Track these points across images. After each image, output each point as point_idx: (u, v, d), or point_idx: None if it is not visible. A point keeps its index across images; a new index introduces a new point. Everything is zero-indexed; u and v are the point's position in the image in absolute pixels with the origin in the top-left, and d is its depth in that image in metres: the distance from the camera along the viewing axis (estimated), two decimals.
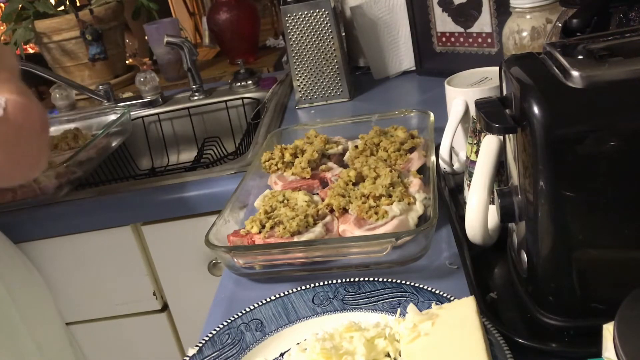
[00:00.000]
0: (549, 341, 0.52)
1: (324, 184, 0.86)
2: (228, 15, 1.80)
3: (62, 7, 1.73)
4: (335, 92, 1.29)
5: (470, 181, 0.69)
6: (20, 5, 1.67)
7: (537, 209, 0.49)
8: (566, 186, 0.47)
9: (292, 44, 1.26)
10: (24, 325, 0.99)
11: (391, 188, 0.75)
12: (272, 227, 0.73)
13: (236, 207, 0.82)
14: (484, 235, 0.61)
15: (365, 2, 1.32)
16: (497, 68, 0.58)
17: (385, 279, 0.62)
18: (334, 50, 1.25)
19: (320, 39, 1.25)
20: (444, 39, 1.28)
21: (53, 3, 1.72)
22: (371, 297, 0.61)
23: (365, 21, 1.33)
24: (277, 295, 0.63)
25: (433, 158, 0.79)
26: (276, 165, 0.90)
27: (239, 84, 1.49)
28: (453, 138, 0.80)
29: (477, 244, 0.62)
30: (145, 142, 1.50)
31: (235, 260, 0.70)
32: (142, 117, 1.48)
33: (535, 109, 0.46)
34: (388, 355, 0.53)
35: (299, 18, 1.24)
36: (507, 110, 0.52)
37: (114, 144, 1.27)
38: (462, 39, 1.24)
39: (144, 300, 1.14)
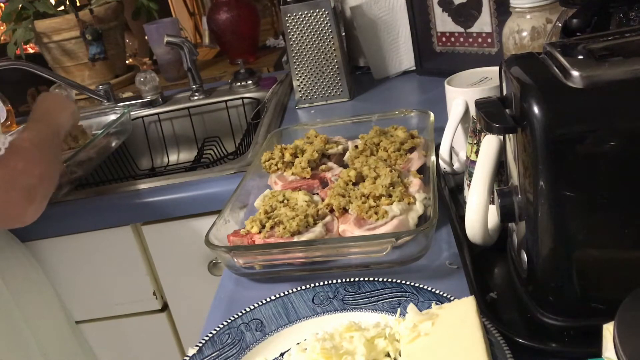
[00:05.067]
0: (549, 341, 0.52)
1: (324, 184, 0.86)
2: (228, 15, 1.80)
3: (62, 7, 1.73)
4: (335, 92, 1.29)
5: (470, 181, 0.69)
6: (20, 5, 1.67)
7: (537, 209, 0.49)
8: (566, 186, 0.47)
9: (292, 44, 1.26)
10: (26, 324, 0.99)
11: (391, 188, 0.75)
12: (272, 227, 0.73)
13: (236, 207, 0.82)
14: (484, 235, 0.61)
15: (365, 2, 1.32)
16: (497, 68, 0.58)
17: (385, 279, 0.62)
18: (334, 50, 1.25)
19: (320, 39, 1.25)
20: (444, 39, 1.28)
21: (53, 3, 1.72)
22: (371, 297, 0.61)
23: (365, 21, 1.33)
24: (277, 295, 0.63)
25: (433, 158, 0.79)
26: (276, 165, 0.90)
27: (239, 84, 1.49)
28: (453, 138, 0.80)
29: (477, 244, 0.62)
30: (145, 142, 1.50)
31: (235, 260, 0.70)
32: (142, 117, 1.48)
33: (535, 109, 0.46)
34: (388, 355, 0.53)
35: (299, 18, 1.24)
36: (507, 110, 0.52)
37: (114, 144, 1.27)
38: (462, 39, 1.24)
39: (144, 300, 1.14)
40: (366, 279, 0.63)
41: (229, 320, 0.61)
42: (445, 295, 0.58)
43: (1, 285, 0.96)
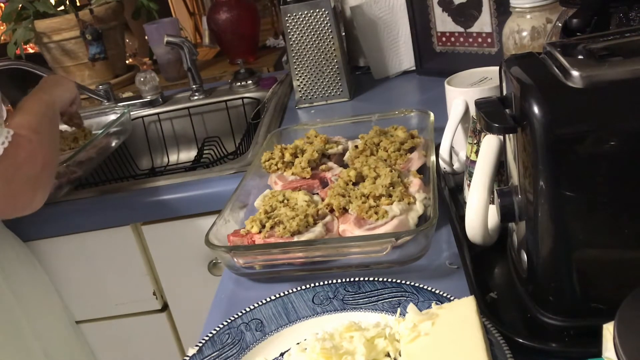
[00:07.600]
0: (549, 341, 0.52)
1: (324, 183, 0.86)
2: (228, 15, 1.80)
3: (62, 7, 1.73)
4: (335, 92, 1.29)
5: (470, 181, 0.69)
6: (20, 5, 1.67)
7: (537, 209, 0.49)
8: (566, 186, 0.47)
9: (292, 44, 1.26)
10: (27, 322, 0.99)
11: (391, 188, 0.75)
12: (272, 227, 0.73)
13: (236, 207, 0.82)
14: (484, 235, 0.61)
15: (365, 2, 1.32)
16: (497, 68, 0.58)
17: (385, 279, 0.62)
18: (334, 50, 1.25)
19: (320, 39, 1.25)
20: (444, 39, 1.28)
21: (53, 3, 1.71)
22: (371, 297, 0.61)
23: (365, 21, 1.33)
24: (277, 295, 0.63)
25: (433, 158, 0.79)
26: (276, 165, 0.90)
27: (239, 83, 1.50)
28: (453, 138, 0.80)
29: (477, 244, 0.62)
30: (145, 142, 1.50)
31: (235, 260, 0.70)
32: (142, 117, 1.48)
33: (535, 109, 0.46)
34: (388, 355, 0.53)
35: (299, 18, 1.24)
36: (507, 110, 0.52)
37: (114, 144, 1.27)
38: (462, 39, 1.24)
39: (144, 300, 1.14)
40: (366, 279, 0.63)
41: (229, 320, 0.61)
42: (445, 295, 0.58)
43: (4, 286, 0.96)
